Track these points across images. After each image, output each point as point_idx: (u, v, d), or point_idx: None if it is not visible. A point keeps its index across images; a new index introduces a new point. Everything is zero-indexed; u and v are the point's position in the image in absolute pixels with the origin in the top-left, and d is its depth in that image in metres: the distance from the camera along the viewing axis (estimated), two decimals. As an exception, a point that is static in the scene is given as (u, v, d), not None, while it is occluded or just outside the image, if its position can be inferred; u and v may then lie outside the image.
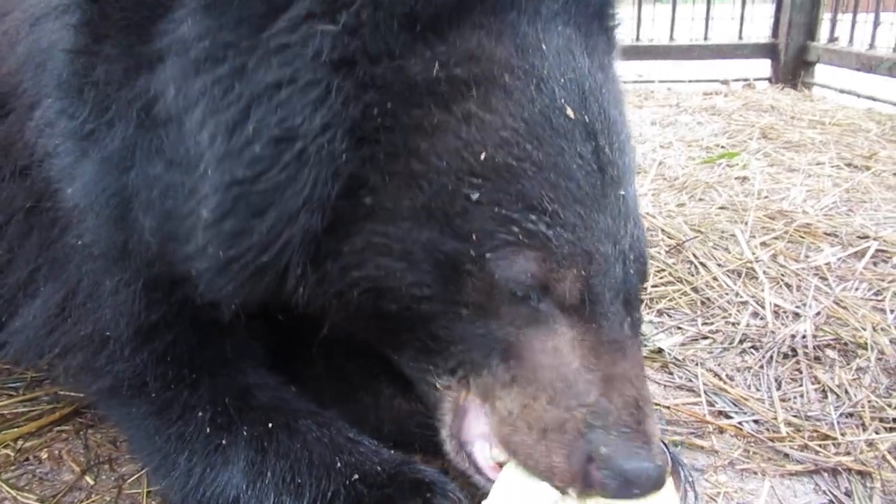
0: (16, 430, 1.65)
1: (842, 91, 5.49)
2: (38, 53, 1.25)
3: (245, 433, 1.27)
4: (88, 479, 1.50)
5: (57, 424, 1.68)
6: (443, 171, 1.06)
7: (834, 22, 5.75)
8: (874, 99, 5.14)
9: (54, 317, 1.39)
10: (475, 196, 1.05)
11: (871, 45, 5.23)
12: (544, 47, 1.11)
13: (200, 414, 1.31)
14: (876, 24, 5.22)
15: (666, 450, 1.28)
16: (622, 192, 1.13)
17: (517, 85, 1.08)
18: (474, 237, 1.06)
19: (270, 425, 1.27)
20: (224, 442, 1.27)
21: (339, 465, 1.23)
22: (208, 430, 1.29)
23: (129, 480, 1.49)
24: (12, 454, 1.58)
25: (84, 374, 1.42)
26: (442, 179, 1.06)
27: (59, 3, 1.21)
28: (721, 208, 2.99)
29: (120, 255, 1.26)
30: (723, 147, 3.95)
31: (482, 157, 1.05)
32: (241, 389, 1.37)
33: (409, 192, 1.07)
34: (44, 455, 1.58)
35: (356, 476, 1.22)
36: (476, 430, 1.21)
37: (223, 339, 1.42)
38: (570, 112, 1.09)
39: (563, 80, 1.10)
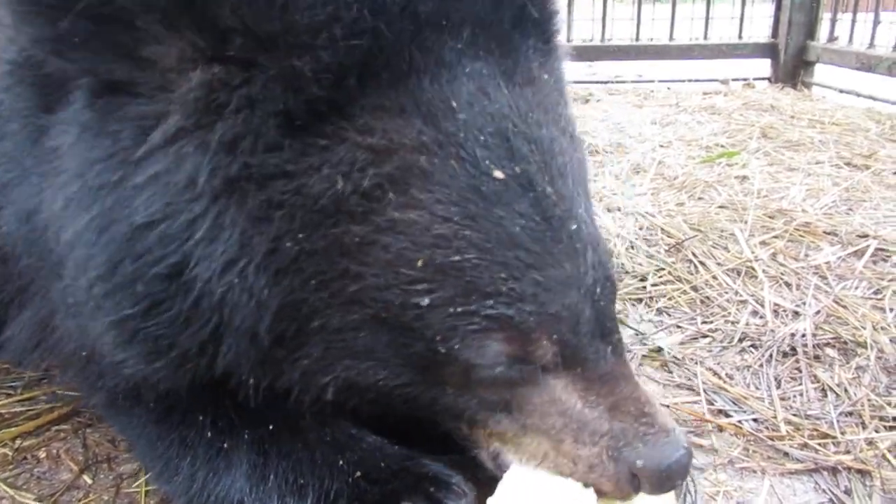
0: (14, 429, 1.65)
1: (841, 90, 5.49)
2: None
3: (247, 436, 1.26)
4: (86, 479, 1.49)
5: (55, 424, 1.68)
6: (382, 286, 0.98)
7: (833, 21, 5.75)
8: (874, 98, 5.14)
9: (39, 330, 1.39)
10: (425, 302, 0.99)
11: (871, 45, 5.23)
12: (454, 104, 0.98)
13: (201, 418, 1.30)
14: (875, 23, 5.22)
15: None
16: (573, 227, 1.05)
17: (435, 166, 0.97)
18: (437, 338, 1.01)
19: (272, 427, 1.26)
20: (226, 445, 1.26)
21: (341, 462, 1.22)
22: (209, 433, 1.28)
23: (128, 479, 1.49)
24: (10, 453, 1.57)
25: (79, 386, 1.42)
26: (384, 295, 0.99)
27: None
28: (721, 207, 2.98)
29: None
30: (722, 146, 3.95)
31: (419, 264, 0.97)
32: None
33: (355, 308, 1.00)
34: (42, 454, 1.58)
35: (359, 473, 1.21)
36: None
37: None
38: (498, 174, 0.98)
39: (482, 137, 0.99)
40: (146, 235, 0.96)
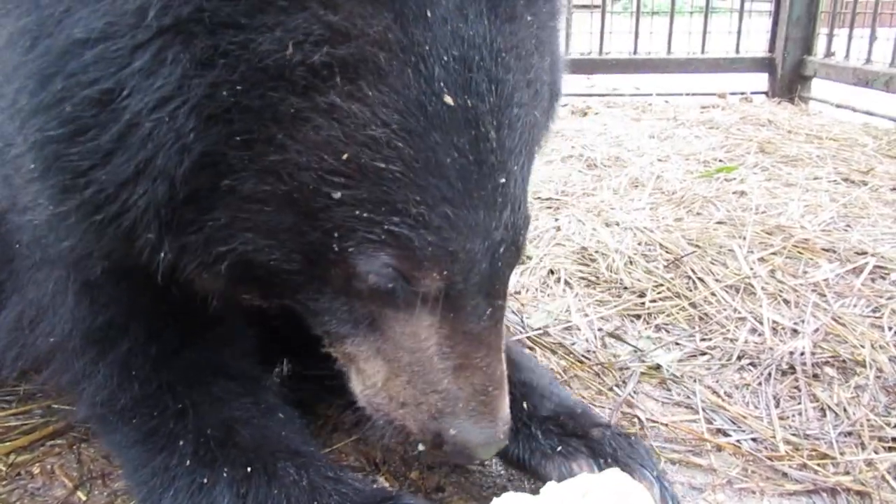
0: (8, 444, 1.63)
1: (838, 105, 5.51)
2: None
3: (226, 474, 1.26)
4: (81, 495, 1.48)
5: (50, 439, 1.67)
6: (302, 165, 0.98)
7: (830, 37, 5.77)
8: (871, 113, 5.15)
9: (14, 331, 1.38)
10: (336, 195, 0.99)
11: (868, 60, 5.25)
12: (429, 14, 0.96)
13: (182, 444, 1.31)
14: (872, 38, 5.24)
15: (649, 472, 1.30)
16: (502, 180, 1.05)
17: (393, 67, 0.95)
18: (336, 234, 1.02)
19: (249, 469, 1.26)
20: (206, 481, 1.27)
21: None
22: (189, 463, 1.29)
23: (122, 496, 1.47)
24: (4, 469, 1.56)
25: (64, 393, 1.42)
26: (302, 174, 0.98)
27: None
28: (719, 223, 2.99)
29: (49, 251, 1.23)
30: (720, 161, 3.96)
31: (344, 157, 0.97)
32: (224, 423, 1.36)
33: (269, 178, 0.99)
34: (36, 470, 1.56)
35: None
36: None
37: (193, 347, 1.42)
38: (448, 99, 0.97)
39: (446, 58, 0.97)
40: (82, 53, 0.92)
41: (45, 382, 1.47)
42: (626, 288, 2.44)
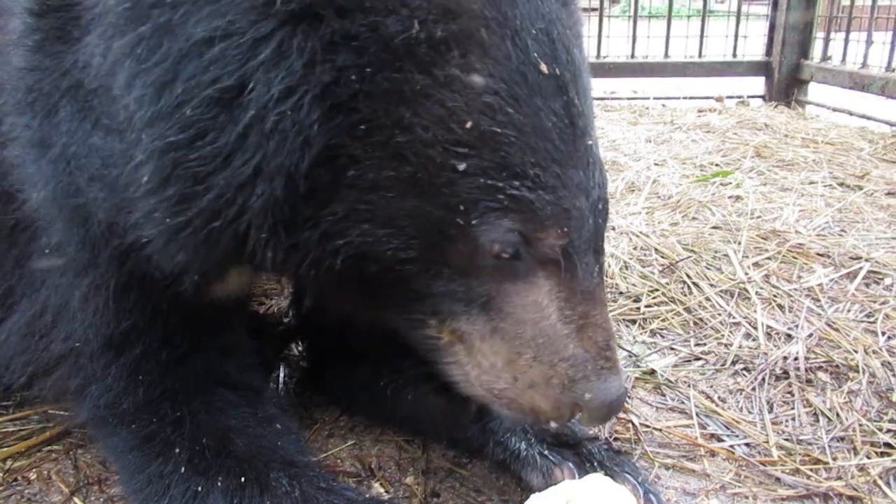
0: (5, 449, 1.64)
1: (835, 109, 5.53)
2: (11, 75, 1.26)
3: (220, 483, 1.28)
4: (77, 501, 1.49)
5: (47, 444, 1.68)
6: (428, 142, 1.01)
7: (827, 41, 5.80)
8: (867, 117, 5.17)
9: (26, 336, 1.40)
10: (461, 167, 1.02)
11: (864, 64, 5.27)
12: None
13: (178, 451, 1.32)
14: (868, 43, 5.26)
15: (635, 479, 1.31)
16: (589, 142, 1.12)
17: (493, 41, 1.02)
18: (461, 207, 1.04)
19: (243, 479, 1.28)
20: (200, 489, 1.28)
21: None
22: (184, 470, 1.30)
23: (119, 502, 1.48)
24: (1, 474, 1.57)
25: (66, 397, 1.43)
26: (427, 151, 1.01)
27: (21, 28, 1.20)
28: (714, 228, 3.00)
29: (87, 256, 1.24)
30: (717, 165, 3.97)
31: (468, 125, 1.01)
32: (220, 432, 1.37)
33: (394, 163, 1.02)
34: (32, 475, 1.57)
35: None
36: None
37: (200, 355, 1.44)
38: (543, 67, 1.05)
39: (534, 31, 1.05)
40: (202, 54, 0.93)
41: (51, 387, 1.47)
42: (621, 293, 2.45)
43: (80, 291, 1.31)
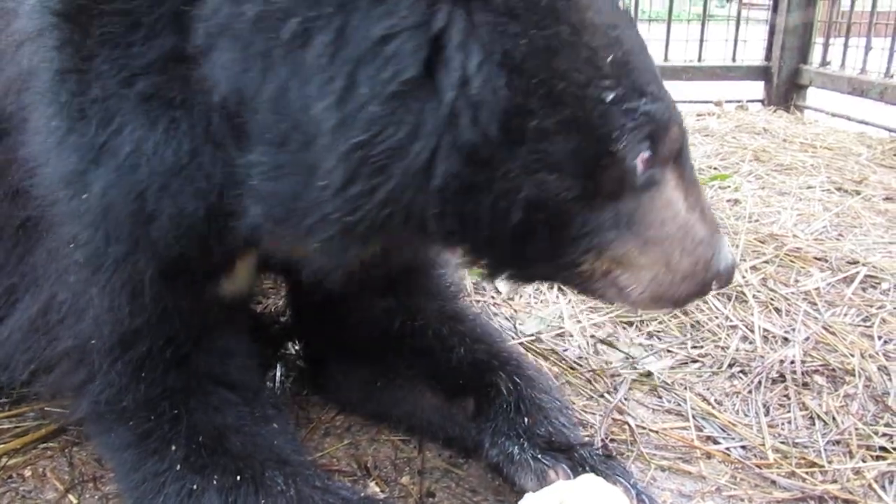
0: (0, 446, 1.64)
1: (833, 115, 5.54)
2: (22, 76, 1.26)
3: (215, 482, 1.28)
4: (72, 498, 1.49)
5: (42, 441, 1.67)
6: (581, 83, 1.11)
7: (826, 46, 5.80)
8: (865, 123, 5.18)
9: (29, 332, 1.40)
10: (609, 97, 1.13)
11: (863, 70, 5.29)
12: None
13: (174, 448, 1.32)
14: (867, 49, 5.27)
15: (628, 482, 1.32)
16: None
17: None
18: (612, 134, 1.14)
19: (239, 478, 1.28)
20: (195, 487, 1.28)
21: None
22: (180, 468, 1.30)
23: (113, 500, 1.48)
24: (-4, 471, 1.57)
25: (65, 394, 1.43)
26: (582, 91, 1.11)
27: (37, 26, 1.21)
28: (712, 231, 3.00)
29: (122, 250, 1.25)
30: (715, 168, 3.97)
31: (609, 59, 1.13)
32: (217, 431, 1.37)
33: (557, 109, 1.10)
34: (27, 473, 1.57)
35: None
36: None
37: (201, 353, 1.44)
38: (627, 9, 1.27)
39: None
40: (379, 52, 0.96)
41: (52, 384, 1.47)
42: (619, 295, 2.45)
43: (97, 287, 1.31)
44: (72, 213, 1.25)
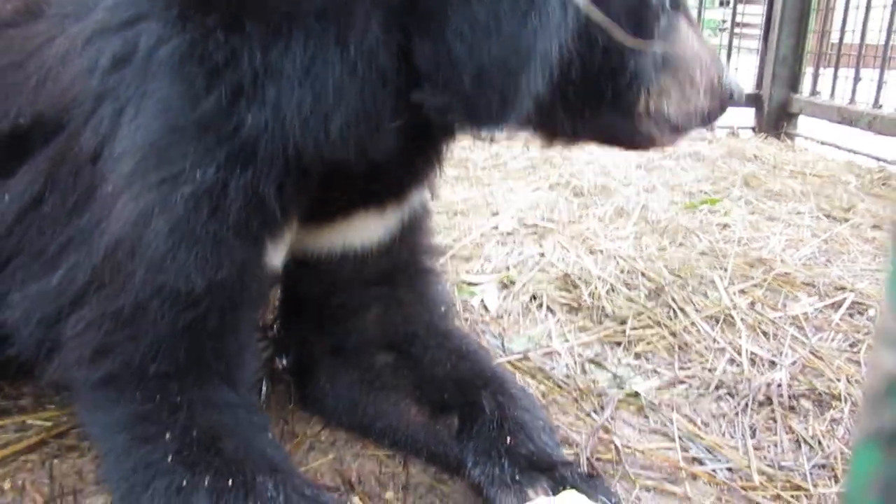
0: (-20, 457, 1.62)
1: (823, 143, 5.60)
2: (105, 62, 1.29)
3: (207, 483, 1.26)
4: (51, 510, 1.47)
5: (23, 454, 1.65)
6: None
7: (816, 76, 5.88)
8: (854, 152, 5.24)
9: (68, 293, 1.36)
10: None
11: (852, 100, 5.35)
12: None
13: (168, 437, 1.31)
14: (856, 79, 5.35)
15: (611, 502, 1.32)
16: None
17: None
18: None
19: (230, 481, 1.27)
20: (185, 484, 1.26)
21: None
22: (171, 460, 1.29)
23: (93, 513, 1.46)
24: (-26, 482, 1.54)
25: (81, 363, 1.38)
26: None
27: (122, 19, 1.28)
28: (701, 254, 3.02)
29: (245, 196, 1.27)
30: (706, 193, 4.01)
31: None
32: (211, 428, 1.35)
33: None
34: (7, 485, 1.55)
35: None
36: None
37: (216, 345, 1.42)
38: None
39: None
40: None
41: (68, 354, 1.40)
42: (607, 315, 2.46)
43: (174, 238, 1.26)
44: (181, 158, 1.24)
